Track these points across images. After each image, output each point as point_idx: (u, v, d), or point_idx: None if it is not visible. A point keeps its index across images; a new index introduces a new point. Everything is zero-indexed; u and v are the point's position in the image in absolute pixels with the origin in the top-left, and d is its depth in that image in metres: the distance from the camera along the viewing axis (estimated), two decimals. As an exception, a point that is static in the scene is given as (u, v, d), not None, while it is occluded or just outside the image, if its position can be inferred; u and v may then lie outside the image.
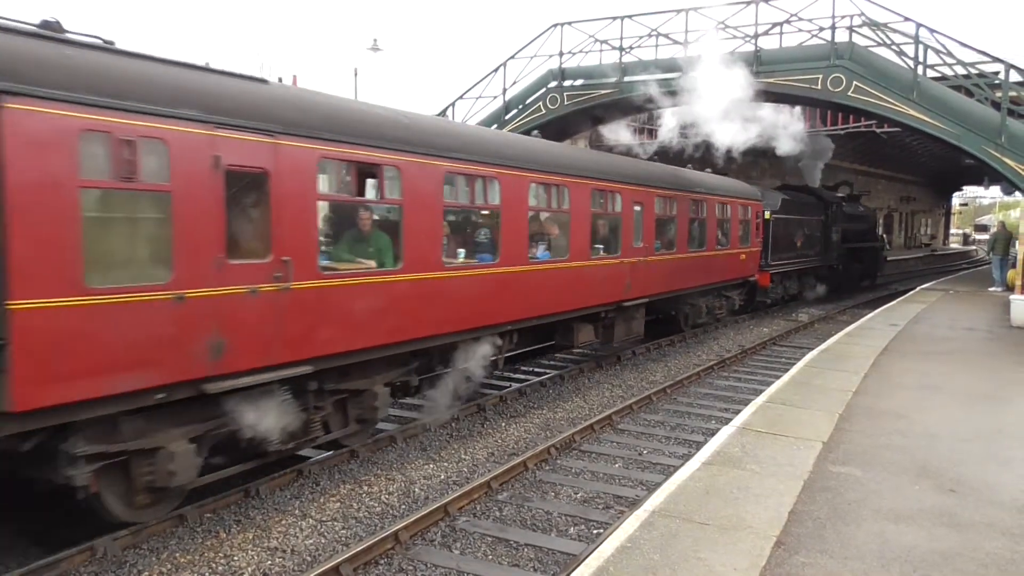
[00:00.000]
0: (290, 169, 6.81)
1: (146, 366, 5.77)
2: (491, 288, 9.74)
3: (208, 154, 6.10)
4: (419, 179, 8.39)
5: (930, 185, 58.41)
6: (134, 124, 5.59)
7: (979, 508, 6.00)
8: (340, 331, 7.46)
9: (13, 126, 4.91)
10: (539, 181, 10.62)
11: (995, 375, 11.15)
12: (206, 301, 6.13)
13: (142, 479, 6.15)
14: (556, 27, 19.16)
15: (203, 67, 6.62)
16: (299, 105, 7.20)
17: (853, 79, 15.80)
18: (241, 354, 6.45)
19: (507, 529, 6.87)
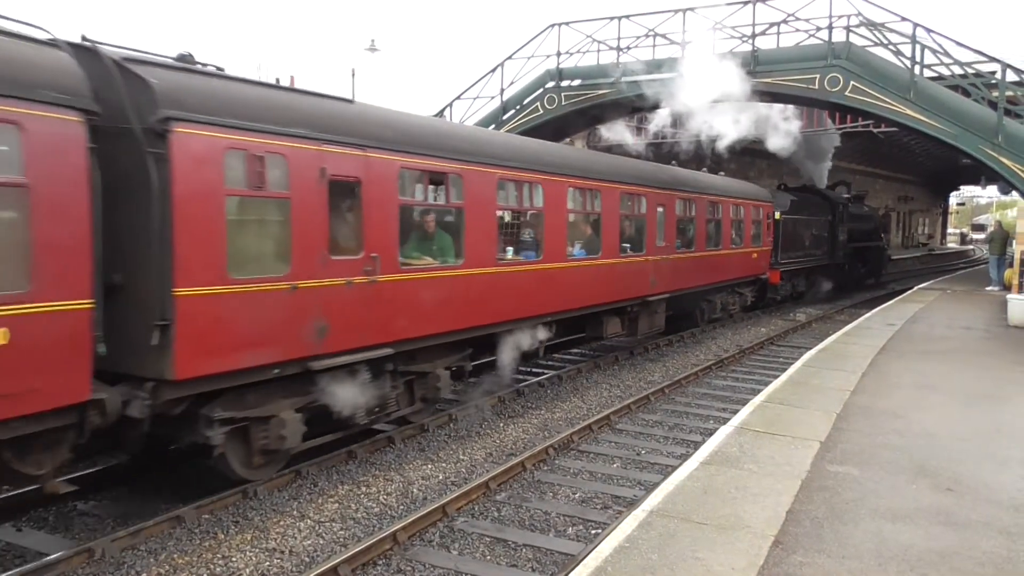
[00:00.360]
0: (377, 178, 7.92)
1: (268, 345, 6.87)
2: (536, 283, 10.82)
3: (316, 166, 7.22)
4: (477, 185, 9.51)
5: (927, 185, 58.55)
6: (263, 142, 6.71)
7: (976, 507, 6.01)
8: (413, 319, 8.56)
9: (179, 147, 6.00)
10: (575, 186, 11.71)
11: (992, 374, 11.17)
12: (313, 291, 7.23)
13: (259, 442, 7.20)
14: (553, 27, 19.17)
15: (308, 91, 7.82)
16: (382, 122, 8.35)
17: (850, 79, 15.81)
18: (339, 337, 7.54)
19: (505, 529, 6.87)
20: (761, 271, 20.45)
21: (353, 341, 7.71)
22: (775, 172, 34.78)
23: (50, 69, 5.38)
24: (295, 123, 7.04)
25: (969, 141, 15.02)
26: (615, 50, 18.59)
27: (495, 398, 11.02)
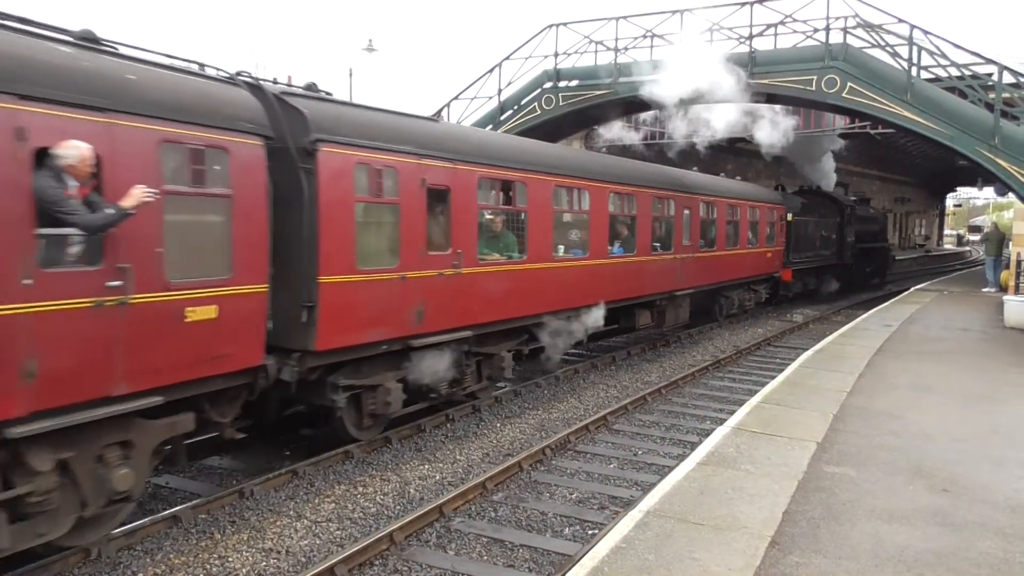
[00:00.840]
0: (462, 186, 9.31)
1: (382, 325, 8.27)
2: (583, 277, 12.15)
3: (419, 177, 8.58)
4: (538, 191, 10.86)
5: (924, 186, 58.64)
6: (381, 158, 8.09)
7: (973, 508, 6.02)
8: (487, 306, 9.89)
9: (324, 163, 7.38)
10: (615, 191, 13.06)
11: (989, 375, 11.19)
12: (415, 281, 8.60)
13: (368, 407, 8.54)
14: (551, 28, 19.17)
15: (410, 114, 9.40)
16: (464, 138, 9.96)
17: (847, 80, 15.82)
18: (433, 320, 8.93)
19: (502, 530, 6.87)
20: (775, 270, 21.68)
21: (443, 324, 9.12)
22: (772, 173, 34.83)
23: (242, 105, 6.79)
24: (403, 141, 8.44)
25: (966, 143, 15.04)
26: (613, 51, 18.59)
27: (492, 398, 11.04)
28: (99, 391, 5.47)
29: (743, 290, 20.26)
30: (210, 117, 6.32)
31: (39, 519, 5.33)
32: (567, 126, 20.21)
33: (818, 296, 25.44)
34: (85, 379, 5.37)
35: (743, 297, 20.37)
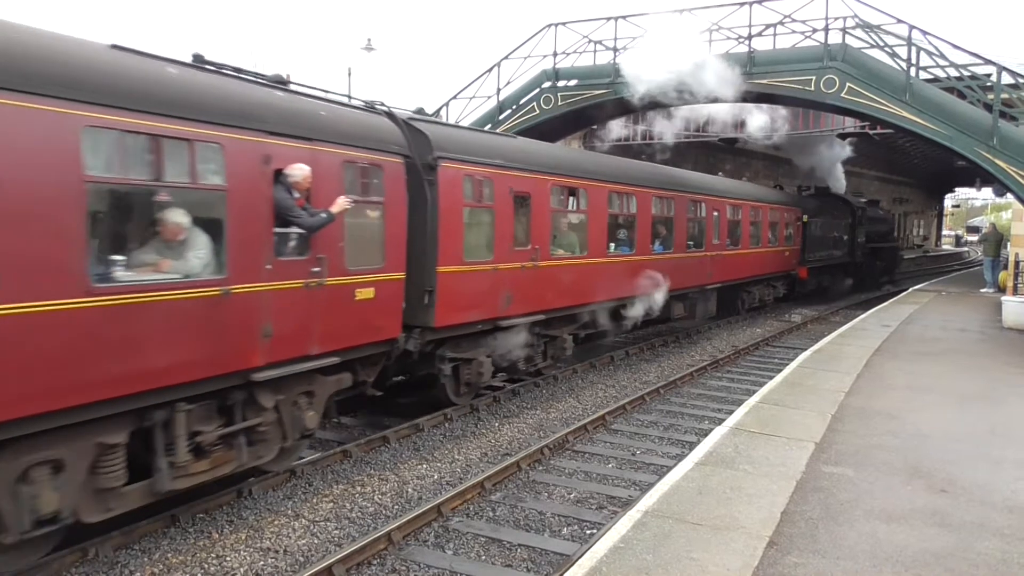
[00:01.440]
0: (538, 192, 10.95)
1: (479, 308, 9.91)
2: (630, 271, 13.62)
3: (508, 186, 10.22)
4: (596, 196, 12.48)
5: (923, 186, 58.66)
6: (481, 170, 9.75)
7: (971, 508, 6.03)
8: (556, 294, 11.51)
9: (442, 175, 9.02)
10: (657, 195, 14.73)
11: (987, 376, 11.20)
12: (505, 271, 10.24)
13: (464, 377, 10.18)
14: (550, 27, 19.15)
15: (499, 133, 11.63)
16: (539, 152, 11.70)
17: (846, 80, 15.81)
18: (517, 305, 10.55)
19: (500, 529, 6.87)
20: (792, 267, 23.36)
21: (523, 308, 10.72)
22: (771, 173, 34.86)
23: (389, 131, 8.47)
24: (495, 156, 10.10)
25: (964, 143, 15.03)
26: (612, 50, 18.58)
27: (491, 398, 11.04)
28: (303, 351, 7.17)
29: (763, 286, 21.89)
30: (372, 142, 8.05)
31: (259, 445, 7.01)
32: (566, 126, 20.18)
33: (832, 292, 26.85)
34: (296, 341, 7.06)
35: (763, 292, 22.00)
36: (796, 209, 23.47)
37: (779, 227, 21.97)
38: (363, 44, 28.00)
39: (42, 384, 5.00)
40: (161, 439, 6.04)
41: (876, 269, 31.33)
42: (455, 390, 10.18)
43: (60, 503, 5.33)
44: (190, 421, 6.21)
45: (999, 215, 67.37)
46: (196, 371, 6.09)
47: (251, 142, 6.50)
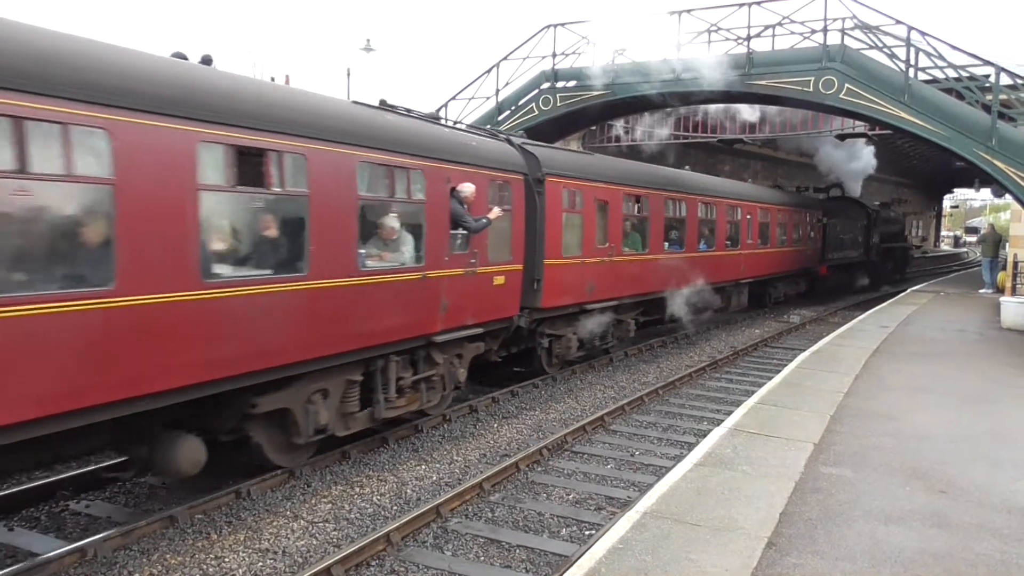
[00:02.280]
0: (614, 200, 13.35)
1: (571, 295, 12.14)
2: (682, 266, 15.68)
3: (594, 196, 12.62)
4: (655, 203, 14.94)
5: (921, 187, 58.64)
6: (575, 183, 12.08)
7: (969, 509, 6.03)
8: (624, 285, 13.75)
9: (548, 188, 11.27)
10: (702, 201, 17.10)
11: (985, 376, 11.21)
12: (590, 265, 12.57)
13: (556, 351, 12.54)
14: (549, 28, 19.16)
15: (585, 152, 14.48)
16: (615, 166, 14.47)
17: (845, 81, 15.82)
18: (598, 293, 12.86)
19: (499, 530, 6.86)
20: (813, 265, 25.47)
21: (602, 295, 13.05)
22: (770, 173, 34.88)
23: (514, 155, 10.92)
24: (583, 171, 12.54)
25: (963, 144, 15.04)
26: (611, 52, 18.59)
27: (489, 398, 11.04)
28: (462, 322, 9.47)
29: (788, 282, 24.11)
30: (505, 164, 10.50)
31: (430, 392, 9.38)
32: (565, 126, 20.19)
33: (849, 288, 29.09)
34: (459, 314, 9.36)
35: (787, 288, 24.27)
36: (817, 212, 25.72)
37: (802, 228, 24.18)
38: (362, 44, 27.97)
39: (323, 337, 7.31)
40: (379, 381, 8.41)
41: (889, 267, 33.55)
42: (548, 361, 12.55)
43: (327, 419, 7.71)
44: (396, 369, 8.59)
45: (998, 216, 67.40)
46: (404, 333, 8.49)
47: (440, 168, 8.93)
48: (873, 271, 31.23)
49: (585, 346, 13.18)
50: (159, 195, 5.69)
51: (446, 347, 9.41)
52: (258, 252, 6.87)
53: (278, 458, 7.63)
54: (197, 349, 6.07)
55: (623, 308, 14.08)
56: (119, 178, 5.37)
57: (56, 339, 5.05)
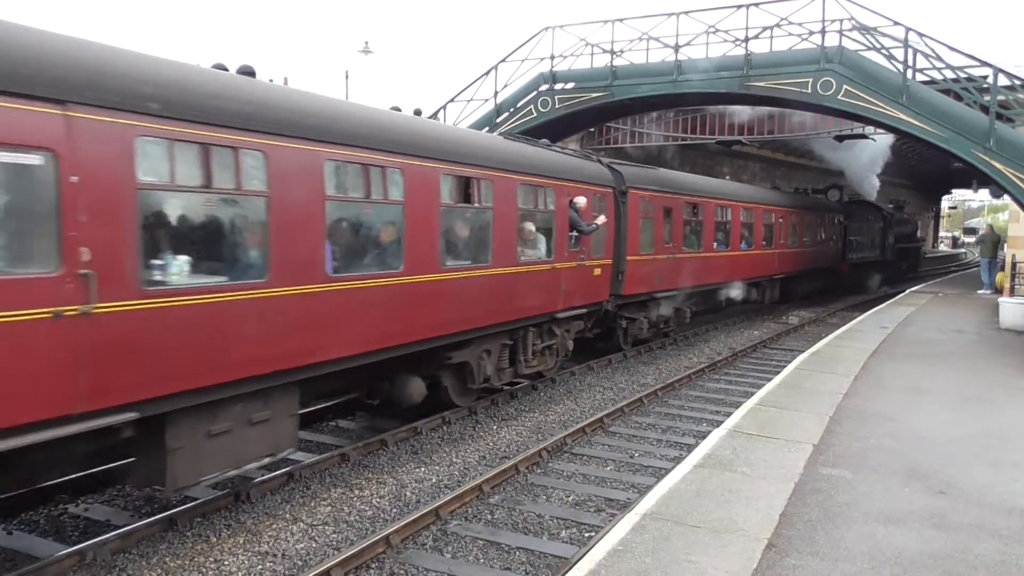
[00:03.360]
0: (677, 206, 15.92)
1: (646, 286, 14.60)
2: (727, 263, 18.69)
3: (662, 204, 15.19)
4: (708, 208, 17.54)
5: (919, 188, 58.62)
6: (648, 193, 14.57)
7: (969, 510, 6.03)
8: (684, 278, 16.27)
9: (630, 199, 13.71)
10: (742, 207, 19.64)
11: (984, 377, 11.21)
12: (659, 260, 15.06)
13: (632, 332, 15.12)
14: (547, 30, 19.17)
15: (654, 167, 16.45)
16: (678, 177, 17.11)
17: (843, 83, 15.84)
18: (664, 283, 15.45)
19: (498, 532, 6.86)
20: (836, 264, 27.94)
21: (667, 286, 15.59)
22: (768, 175, 34.87)
23: (606, 173, 13.33)
24: (654, 183, 15.11)
25: (961, 145, 15.05)
26: (609, 53, 18.61)
27: (489, 401, 11.03)
28: (573, 303, 12.02)
29: (813, 278, 26.33)
30: (601, 180, 13.05)
31: (548, 358, 12.01)
32: (563, 128, 20.20)
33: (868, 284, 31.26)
34: (573, 297, 11.92)
35: (813, 284, 26.57)
36: (839, 215, 28.15)
37: (826, 230, 26.70)
38: (360, 47, 27.94)
39: (495, 310, 9.97)
40: (521, 346, 11.08)
41: (903, 266, 36.40)
42: (624, 340, 15.05)
43: (490, 371, 10.39)
44: (532, 338, 11.29)
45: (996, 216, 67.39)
46: (538, 310, 11.10)
47: (563, 186, 11.56)
48: (888, 269, 33.50)
49: (652, 328, 15.79)
50: (424, 210, 8.47)
51: (562, 322, 12.03)
52: (467, 248, 9.58)
53: (457, 399, 10.28)
54: (436, 313, 8.80)
55: (682, 297, 16.75)
56: (407, 199, 8.15)
57: (374, 302, 7.74)
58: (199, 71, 6.33)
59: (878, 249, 32.30)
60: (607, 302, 13.33)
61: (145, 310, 5.42)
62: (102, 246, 5.11)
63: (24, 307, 4.70)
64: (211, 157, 5.82)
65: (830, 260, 27.13)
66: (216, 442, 6.30)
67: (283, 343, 6.64)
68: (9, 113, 4.60)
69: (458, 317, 9.20)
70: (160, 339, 5.54)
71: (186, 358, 5.76)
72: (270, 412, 6.79)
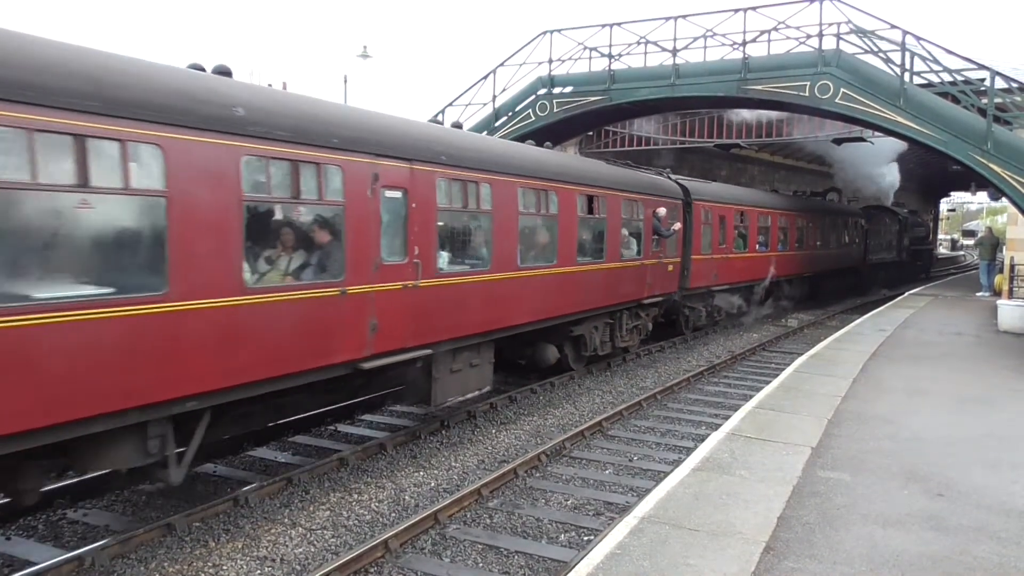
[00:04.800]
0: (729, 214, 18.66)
1: (704, 280, 17.50)
2: (767, 262, 21.36)
3: (719, 212, 18.16)
4: (752, 216, 20.34)
5: (918, 191, 58.61)
6: (708, 204, 17.53)
7: (967, 512, 6.03)
8: (733, 274, 18.99)
9: (695, 209, 16.79)
10: (780, 214, 22.56)
11: (983, 379, 11.21)
12: (715, 260, 17.96)
13: (692, 320, 17.98)
14: (545, 34, 19.21)
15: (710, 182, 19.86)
16: (728, 193, 19.71)
17: (840, 86, 15.87)
18: (720, 278, 18.23)
19: (497, 536, 6.86)
20: (858, 264, 30.89)
21: (722, 281, 18.46)
22: (767, 178, 34.90)
23: (676, 188, 16.16)
24: (713, 196, 17.94)
25: (959, 148, 15.08)
26: (607, 57, 18.63)
27: (488, 404, 11.03)
28: (653, 292, 14.72)
29: (839, 276, 29.04)
30: (673, 194, 15.77)
31: (634, 336, 14.93)
32: (562, 132, 20.23)
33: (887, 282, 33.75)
34: (654, 288, 14.64)
35: (839, 282, 29.17)
36: (861, 219, 31.12)
37: (850, 234, 29.74)
38: (359, 51, 27.97)
39: (606, 295, 13.01)
40: (617, 324, 13.96)
41: (918, 266, 40.03)
42: (686, 326, 17.83)
43: (597, 343, 13.44)
44: (625, 319, 14.28)
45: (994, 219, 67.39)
46: (631, 297, 14.01)
47: (650, 199, 14.55)
48: (904, 269, 36.89)
49: (708, 317, 18.68)
50: (568, 220, 11.73)
51: (646, 308, 15.00)
52: (590, 247, 12.69)
53: (573, 364, 13.23)
54: (569, 296, 11.88)
55: (731, 291, 19.52)
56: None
57: (537, 287, 10.93)
58: (466, 135, 11.00)
59: (895, 251, 35.71)
60: (676, 293, 16.16)
61: (436, 287, 8.72)
62: (423, 246, 8.46)
63: (395, 280, 8.08)
64: (468, 189, 9.30)
65: (854, 260, 30.31)
66: (454, 376, 9.51)
67: (492, 312, 9.90)
68: (394, 169, 7.99)
69: (582, 300, 12.32)
70: (438, 306, 8.74)
71: (448, 318, 8.95)
72: (481, 359, 10.06)
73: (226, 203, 6.20)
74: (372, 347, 7.72)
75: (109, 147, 5.40)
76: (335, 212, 7.29)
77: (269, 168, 6.61)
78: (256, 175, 6.52)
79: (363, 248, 7.55)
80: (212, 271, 6.11)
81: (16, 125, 4.84)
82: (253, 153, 6.41)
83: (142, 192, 5.68)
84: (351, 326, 7.48)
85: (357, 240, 7.47)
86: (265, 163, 6.56)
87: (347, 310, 7.38)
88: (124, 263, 5.73)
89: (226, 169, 6.19)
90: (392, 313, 7.96)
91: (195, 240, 5.95)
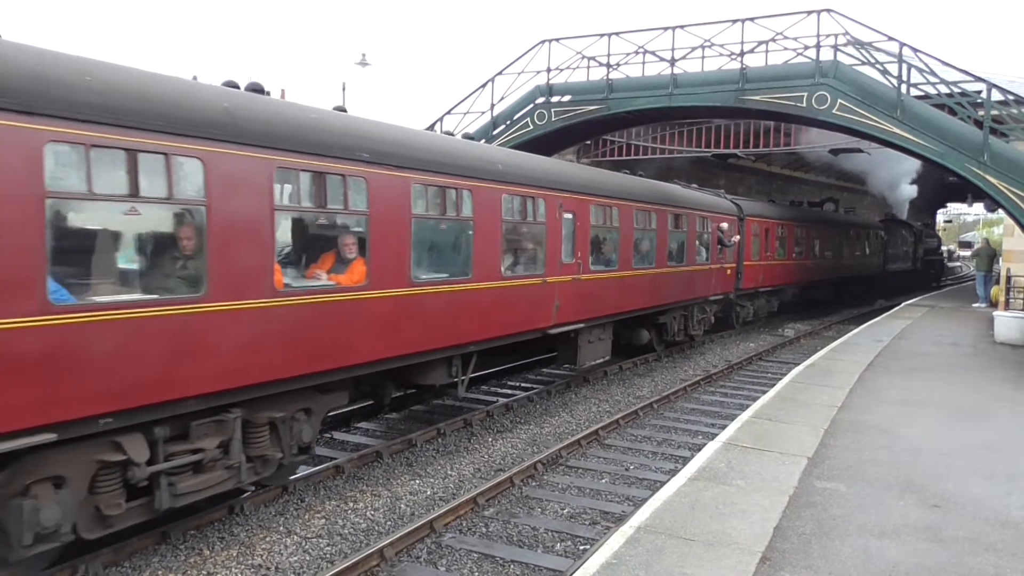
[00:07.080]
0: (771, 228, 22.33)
1: (754, 282, 21.00)
2: (802, 268, 24.91)
3: (764, 225, 21.81)
4: (788, 228, 23.64)
5: (915, 202, 58.72)
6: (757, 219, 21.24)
7: (963, 523, 6.03)
8: (775, 277, 22.50)
9: (748, 222, 20.54)
10: (812, 227, 25.98)
11: (979, 390, 11.23)
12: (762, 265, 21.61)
13: (740, 315, 21.29)
14: (544, 43, 19.24)
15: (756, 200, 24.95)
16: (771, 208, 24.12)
17: (838, 97, 15.92)
18: (764, 282, 21.86)
19: (493, 545, 6.84)
20: (878, 271, 34.49)
21: (766, 283, 21.71)
22: (763, 188, 34.97)
23: (731, 205, 19.78)
24: (761, 212, 21.79)
25: (955, 159, 15.12)
26: (605, 66, 18.68)
27: (484, 412, 11.02)
28: (711, 293, 18.09)
29: (862, 282, 32.15)
30: (730, 211, 19.21)
31: (701, 326, 18.25)
32: (559, 141, 20.25)
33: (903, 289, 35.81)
34: (716, 288, 18.40)
35: (862, 286, 32.12)
36: (880, 230, 34.84)
37: (871, 244, 33.32)
38: (357, 59, 28.02)
39: (686, 291, 16.53)
40: (690, 316, 17.23)
41: (931, 274, 43.03)
42: (737, 321, 20.88)
43: (675, 331, 16.82)
44: (695, 312, 17.50)
45: (991, 230, 67.56)
46: (701, 294, 17.33)
47: (716, 216, 17.95)
48: (918, 277, 40.19)
49: (754, 315, 21.80)
50: (663, 232, 15.07)
51: (710, 303, 18.30)
52: (677, 253, 15.68)
53: (656, 346, 16.19)
54: (661, 290, 15.16)
55: (772, 292, 22.59)
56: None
57: (641, 284, 14.35)
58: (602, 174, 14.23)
59: (910, 260, 39.69)
60: (732, 292, 19.21)
61: (590, 280, 12.26)
62: (583, 252, 11.98)
63: (568, 275, 11.62)
64: (608, 212, 13.01)
65: (874, 268, 34.09)
66: (591, 346, 12.83)
67: (617, 300, 13.39)
68: (570, 199, 11.62)
69: (668, 294, 15.49)
70: (588, 294, 12.17)
71: (594, 303, 12.48)
72: (605, 335, 13.41)
73: (494, 223, 9.94)
74: (556, 319, 11.24)
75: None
76: (540, 229, 10.96)
77: (513, 202, 10.37)
78: (510, 207, 10.34)
79: (554, 252, 11.17)
80: (489, 266, 9.76)
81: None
82: (508, 193, 10.20)
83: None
84: (547, 304, 11.06)
85: (552, 246, 11.11)
86: (511, 199, 10.28)
87: (546, 294, 10.99)
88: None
89: (495, 202, 9.96)
90: (567, 297, 11.47)
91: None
